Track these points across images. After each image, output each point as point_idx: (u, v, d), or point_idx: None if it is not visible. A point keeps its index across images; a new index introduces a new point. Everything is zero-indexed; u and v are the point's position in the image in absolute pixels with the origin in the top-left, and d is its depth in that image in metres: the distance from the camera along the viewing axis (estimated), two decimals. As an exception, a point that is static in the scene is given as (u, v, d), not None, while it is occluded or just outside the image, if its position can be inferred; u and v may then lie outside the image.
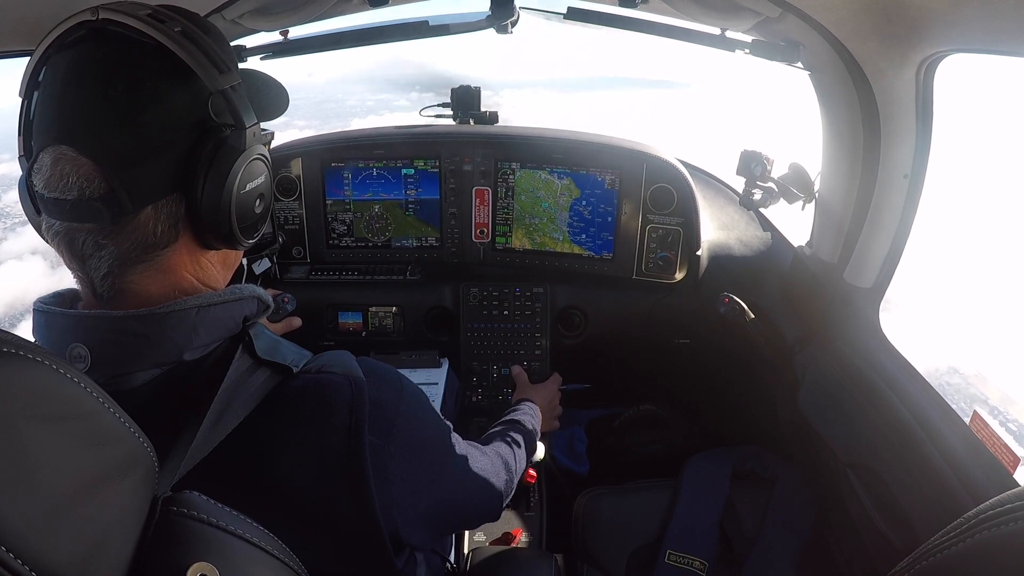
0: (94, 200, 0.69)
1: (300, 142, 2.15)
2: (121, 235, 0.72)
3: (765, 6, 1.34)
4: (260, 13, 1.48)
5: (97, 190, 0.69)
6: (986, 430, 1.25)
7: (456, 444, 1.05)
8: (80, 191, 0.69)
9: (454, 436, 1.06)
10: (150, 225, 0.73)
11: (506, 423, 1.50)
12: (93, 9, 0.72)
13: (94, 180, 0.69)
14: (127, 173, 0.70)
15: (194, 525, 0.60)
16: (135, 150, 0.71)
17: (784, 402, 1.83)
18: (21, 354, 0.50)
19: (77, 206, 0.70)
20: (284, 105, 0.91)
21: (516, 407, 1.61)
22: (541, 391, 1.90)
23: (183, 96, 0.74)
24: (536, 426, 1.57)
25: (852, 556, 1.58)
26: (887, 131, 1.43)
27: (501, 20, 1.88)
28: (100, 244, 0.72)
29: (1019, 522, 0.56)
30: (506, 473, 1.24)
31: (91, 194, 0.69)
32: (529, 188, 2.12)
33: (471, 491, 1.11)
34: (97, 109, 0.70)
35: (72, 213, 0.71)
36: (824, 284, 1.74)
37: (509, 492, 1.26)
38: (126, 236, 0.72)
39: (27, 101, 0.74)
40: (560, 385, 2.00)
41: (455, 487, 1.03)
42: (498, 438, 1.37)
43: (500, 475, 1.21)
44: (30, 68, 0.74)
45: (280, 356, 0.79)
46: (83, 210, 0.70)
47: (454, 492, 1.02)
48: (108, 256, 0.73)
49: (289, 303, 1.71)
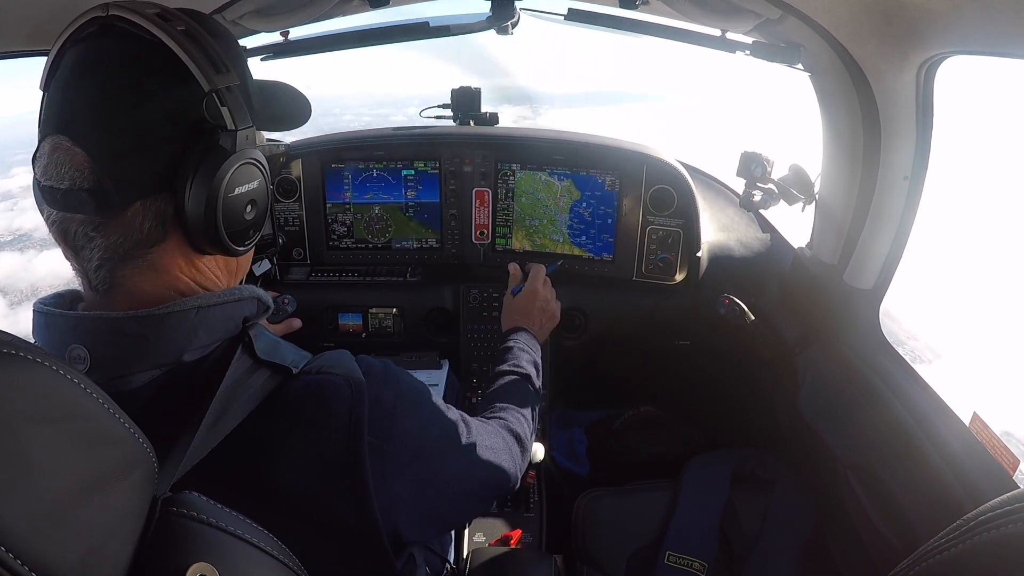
0: (83, 191, 0.70)
1: (300, 143, 2.15)
2: (110, 228, 0.73)
3: (765, 8, 1.35)
4: (261, 14, 1.48)
5: (87, 181, 0.70)
6: (986, 432, 1.25)
7: (459, 429, 1.01)
8: (72, 181, 0.70)
9: (456, 420, 1.02)
10: (137, 221, 0.73)
11: (505, 376, 1.39)
12: (104, 5, 0.73)
13: (85, 171, 0.70)
14: (116, 167, 0.71)
15: (194, 526, 0.60)
16: (126, 145, 0.71)
17: (784, 404, 1.83)
18: (21, 355, 0.50)
19: (68, 195, 0.71)
20: (304, 117, 0.91)
21: (508, 346, 1.49)
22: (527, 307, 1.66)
23: (180, 95, 0.74)
24: (536, 358, 1.47)
25: (852, 558, 1.58)
26: (887, 133, 1.43)
27: (502, 21, 1.88)
28: (90, 236, 0.73)
29: (1019, 524, 0.56)
30: (517, 444, 1.18)
31: (81, 184, 0.70)
32: (529, 190, 2.12)
33: (479, 476, 1.06)
34: (95, 102, 0.71)
35: (64, 202, 0.72)
36: (824, 286, 1.74)
37: (522, 462, 1.19)
38: (114, 230, 0.73)
39: (46, 94, 0.75)
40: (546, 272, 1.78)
41: (461, 476, 1.01)
42: (501, 401, 1.29)
43: (511, 448, 1.15)
44: (48, 63, 0.75)
45: (280, 357, 0.78)
46: (73, 200, 0.71)
47: (461, 481, 1.00)
48: (98, 248, 0.73)
49: (289, 304, 1.71)
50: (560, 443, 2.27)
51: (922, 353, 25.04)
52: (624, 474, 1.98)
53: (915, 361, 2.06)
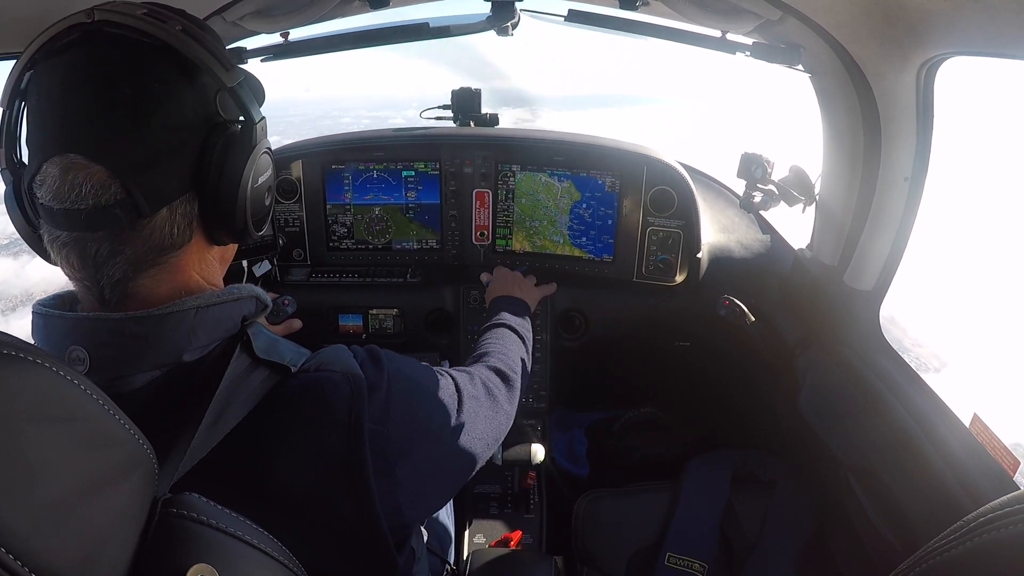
0: (110, 207, 0.69)
1: (300, 144, 2.15)
2: (137, 239, 0.72)
3: (765, 9, 1.35)
4: (261, 15, 1.48)
5: (113, 196, 0.69)
6: (986, 433, 1.25)
7: (452, 395, 1.02)
8: (95, 199, 0.68)
9: (449, 386, 1.02)
10: (166, 227, 0.73)
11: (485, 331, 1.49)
12: (88, 11, 0.70)
13: (109, 187, 0.69)
14: (142, 176, 0.70)
15: (193, 527, 0.60)
16: (149, 153, 0.71)
17: (784, 405, 1.83)
18: (21, 356, 0.50)
19: (92, 215, 0.69)
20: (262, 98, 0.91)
21: (489, 313, 1.61)
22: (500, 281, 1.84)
23: (190, 95, 0.74)
24: (513, 308, 1.59)
25: (852, 559, 1.58)
26: (888, 134, 1.43)
27: (502, 22, 1.88)
28: (116, 251, 0.71)
29: (1019, 525, 0.56)
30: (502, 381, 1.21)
31: (107, 201, 0.69)
32: (529, 191, 2.12)
33: (476, 434, 1.05)
34: (106, 114, 0.69)
35: (87, 222, 0.69)
36: (824, 287, 1.74)
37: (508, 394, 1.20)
38: (142, 240, 0.72)
39: (9, 111, 0.72)
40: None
41: (461, 440, 1.01)
42: (481, 348, 1.38)
43: (497, 393, 1.16)
44: (14, 75, 0.72)
45: (278, 355, 0.78)
46: (99, 218, 0.69)
47: (460, 445, 1.00)
48: (124, 262, 0.72)
49: (289, 305, 1.71)
50: (560, 444, 2.27)
51: (928, 361, 24.38)
52: (624, 475, 1.99)
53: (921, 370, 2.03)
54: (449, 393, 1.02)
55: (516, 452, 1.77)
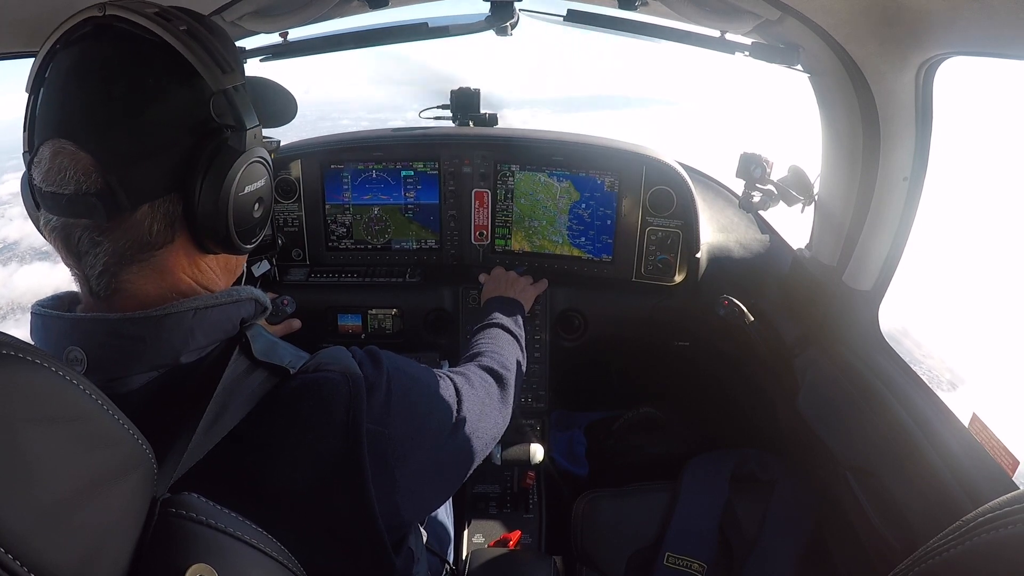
0: (90, 195, 0.69)
1: (299, 144, 2.15)
2: (117, 232, 0.72)
3: (764, 8, 1.35)
4: (260, 15, 1.48)
5: (94, 185, 0.69)
6: (985, 433, 1.25)
7: (451, 396, 1.02)
8: (77, 185, 0.69)
9: (441, 380, 1.03)
10: (146, 224, 0.73)
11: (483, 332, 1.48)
12: (100, 5, 0.72)
13: (91, 175, 0.69)
14: (125, 170, 0.70)
15: (192, 527, 0.60)
16: (135, 148, 0.71)
17: (784, 405, 1.83)
18: (20, 356, 0.50)
19: (73, 200, 0.70)
20: (291, 113, 0.91)
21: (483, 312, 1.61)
22: (495, 281, 1.88)
23: (185, 95, 0.74)
24: (506, 307, 1.60)
25: (851, 558, 1.58)
26: (887, 134, 1.43)
27: (500, 22, 1.88)
28: (96, 241, 0.72)
29: (1018, 525, 0.56)
30: (495, 380, 1.21)
31: (88, 189, 0.69)
32: (528, 190, 2.12)
33: (476, 430, 1.06)
34: (99, 105, 0.70)
35: (68, 208, 0.71)
36: (823, 287, 1.74)
37: (500, 393, 1.21)
38: (122, 233, 0.72)
39: (33, 97, 0.74)
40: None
41: (459, 439, 1.01)
42: (475, 348, 1.36)
43: (490, 392, 1.17)
44: (36, 64, 0.74)
45: (277, 357, 0.78)
46: (79, 205, 0.70)
47: (459, 444, 1.01)
48: (103, 253, 0.72)
49: (288, 305, 1.71)
50: (559, 444, 2.26)
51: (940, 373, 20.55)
52: (623, 475, 1.99)
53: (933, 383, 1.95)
54: (448, 393, 1.02)
55: (515, 452, 1.77)
